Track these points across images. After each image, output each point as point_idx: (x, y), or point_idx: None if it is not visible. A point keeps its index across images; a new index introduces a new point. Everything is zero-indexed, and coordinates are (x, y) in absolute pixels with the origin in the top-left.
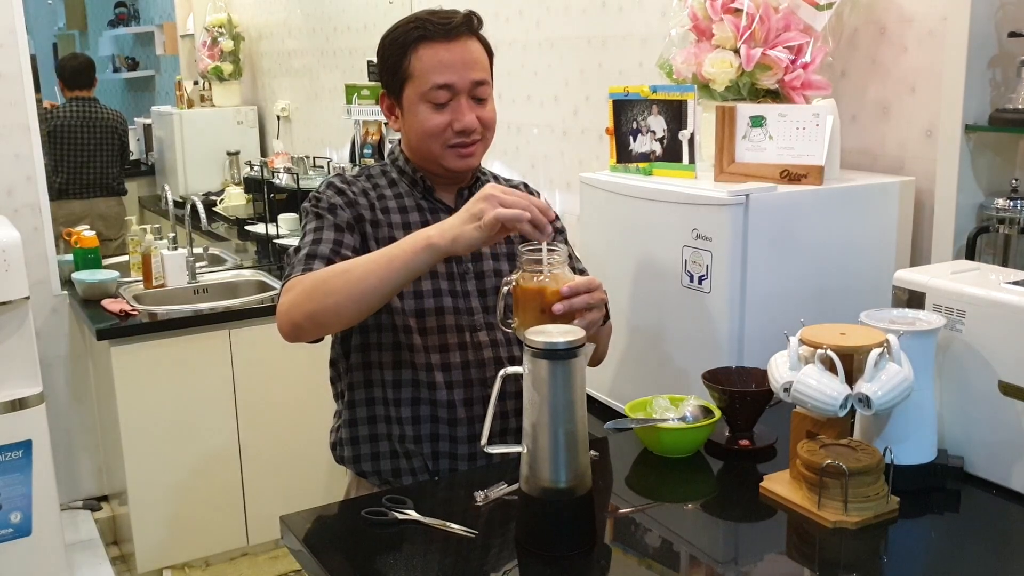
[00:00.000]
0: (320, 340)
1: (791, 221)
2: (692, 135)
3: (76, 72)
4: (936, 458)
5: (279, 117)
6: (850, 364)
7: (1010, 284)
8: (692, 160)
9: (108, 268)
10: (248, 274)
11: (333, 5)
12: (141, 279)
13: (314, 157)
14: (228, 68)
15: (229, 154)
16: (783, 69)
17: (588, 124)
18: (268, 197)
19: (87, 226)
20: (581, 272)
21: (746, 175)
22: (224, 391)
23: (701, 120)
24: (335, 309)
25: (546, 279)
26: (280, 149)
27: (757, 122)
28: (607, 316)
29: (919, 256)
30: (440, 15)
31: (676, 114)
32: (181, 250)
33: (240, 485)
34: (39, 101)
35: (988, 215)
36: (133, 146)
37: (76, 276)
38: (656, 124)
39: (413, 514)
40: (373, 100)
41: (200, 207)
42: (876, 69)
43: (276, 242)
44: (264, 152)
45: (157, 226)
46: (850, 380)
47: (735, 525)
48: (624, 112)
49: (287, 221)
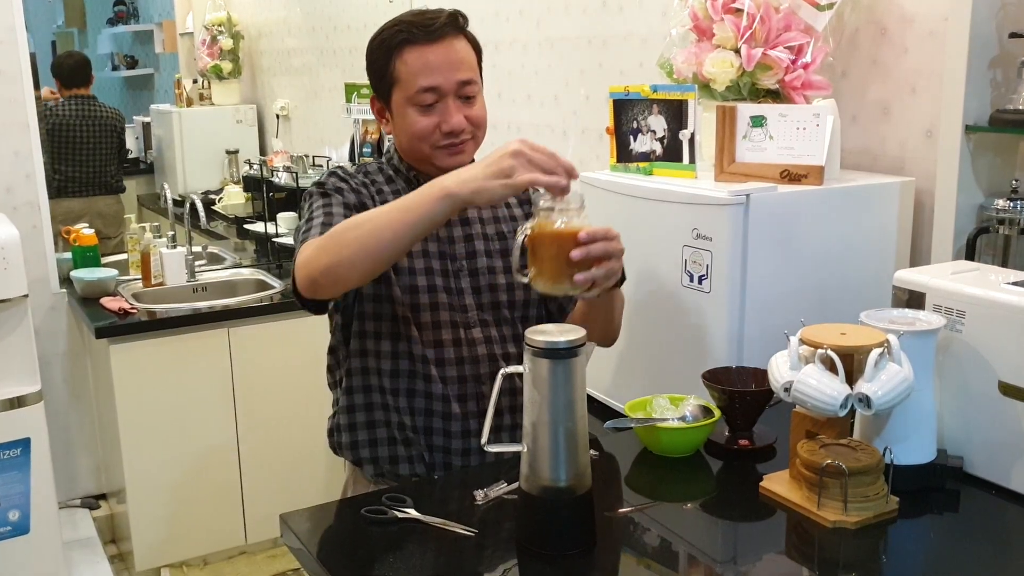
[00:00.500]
0: (333, 300)
1: (791, 221)
2: (692, 135)
3: (72, 70)
4: (936, 458)
5: (278, 116)
6: (850, 364)
7: (1010, 284)
8: (692, 160)
9: (107, 266)
10: (247, 273)
11: (333, 4)
12: (140, 277)
13: (313, 156)
14: (227, 66)
15: (228, 153)
16: (784, 69)
17: (588, 124)
18: (267, 196)
19: (86, 224)
20: None
21: (746, 175)
22: (223, 390)
23: (701, 120)
24: (350, 262)
25: (563, 225)
26: (279, 148)
27: (757, 122)
28: (623, 276)
29: (919, 256)
30: (424, 16)
31: (676, 114)
32: (180, 248)
33: (239, 484)
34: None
35: (988, 216)
36: (131, 144)
37: (75, 274)
38: (656, 124)
39: (413, 513)
40: None
41: (199, 205)
42: (877, 69)
43: (275, 241)
44: (263, 151)
45: (156, 224)
46: (850, 380)
47: (734, 525)
48: (624, 112)
49: (286, 220)
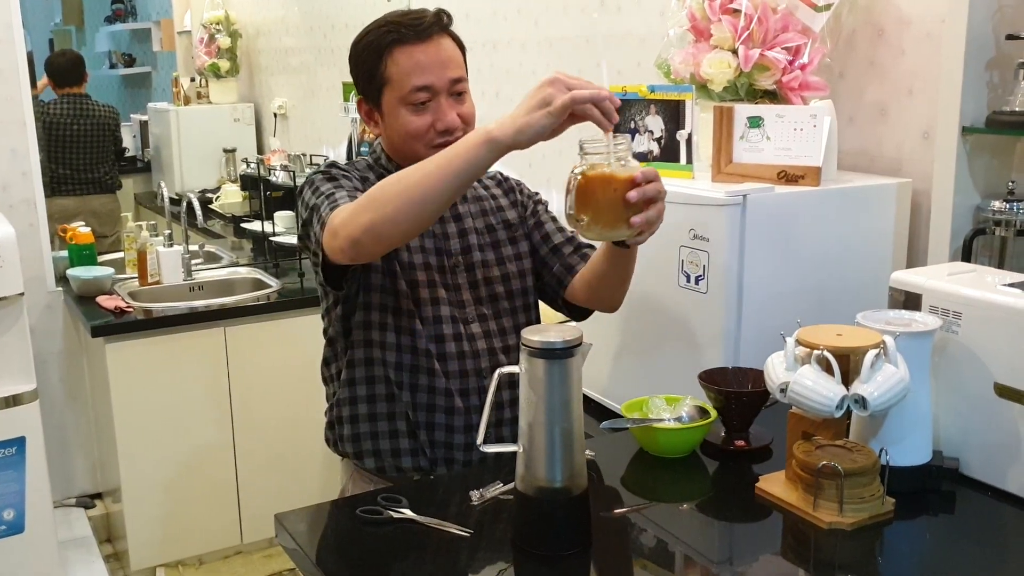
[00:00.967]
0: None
1: (788, 222)
2: (690, 135)
3: (65, 69)
4: (931, 460)
5: (276, 115)
6: (846, 365)
7: (1006, 286)
8: (690, 160)
9: (103, 265)
10: (244, 271)
11: (331, 3)
12: (136, 276)
13: (311, 155)
14: (225, 65)
15: (226, 151)
16: (781, 70)
17: (586, 124)
18: (264, 195)
19: (82, 223)
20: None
21: (743, 176)
22: (219, 389)
23: (699, 120)
24: (393, 218)
25: (617, 167)
26: (277, 147)
27: (755, 123)
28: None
29: (915, 257)
30: (410, 16)
31: (674, 114)
32: (176, 247)
33: (234, 483)
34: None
35: (985, 217)
36: (129, 142)
37: (71, 272)
38: (654, 124)
39: (408, 513)
40: None
41: (196, 204)
42: (874, 70)
43: (272, 240)
44: (261, 149)
45: (153, 223)
46: (846, 381)
47: (730, 526)
48: (622, 112)
49: (283, 219)
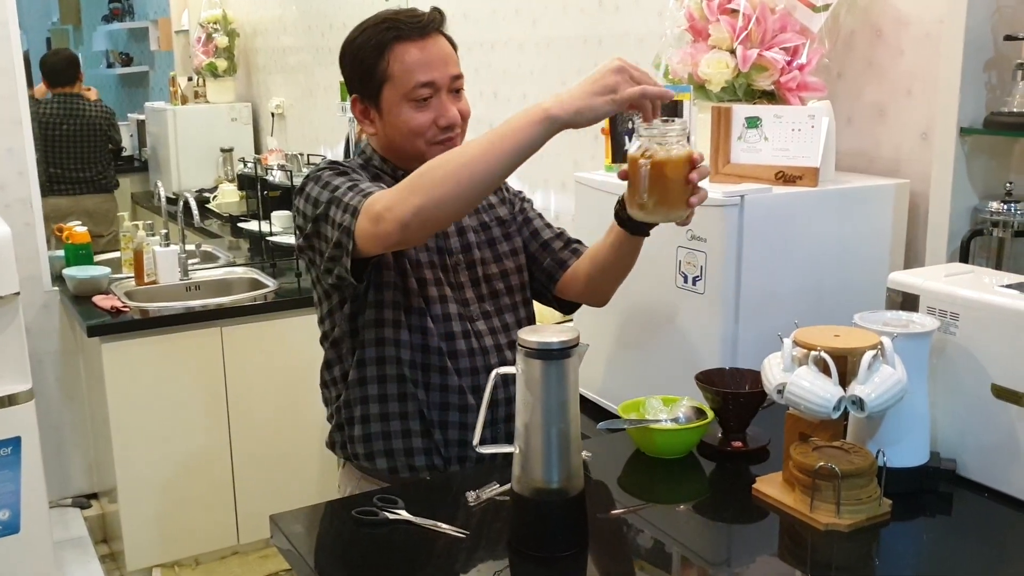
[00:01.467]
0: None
1: (786, 223)
2: (688, 136)
3: (57, 68)
4: (929, 461)
5: (273, 114)
6: (844, 366)
7: (1004, 287)
8: None
9: (100, 264)
10: (240, 271)
11: (329, 2)
12: (133, 276)
13: (308, 154)
14: (222, 64)
15: (223, 151)
16: (779, 70)
17: None
18: (261, 194)
19: (79, 222)
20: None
21: (741, 176)
22: (215, 389)
23: (697, 121)
24: (443, 199)
25: (678, 150)
26: (274, 146)
27: (753, 123)
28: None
29: (913, 258)
30: (408, 13)
31: (671, 114)
32: (173, 247)
33: (231, 483)
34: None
35: (982, 218)
36: (127, 142)
37: (67, 272)
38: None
39: (404, 514)
40: None
41: (193, 203)
42: (872, 71)
43: (269, 239)
44: (258, 149)
45: (150, 222)
46: (844, 382)
47: (727, 527)
48: (620, 112)
49: (280, 218)
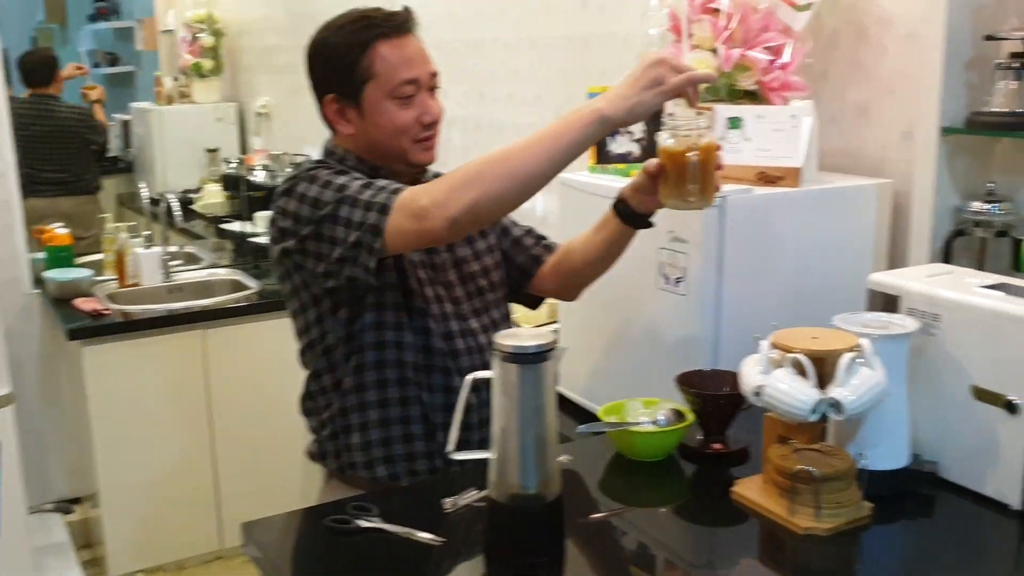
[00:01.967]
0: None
1: (768, 223)
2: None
3: (33, 68)
4: (910, 463)
5: (259, 114)
6: (822, 368)
7: (984, 288)
8: None
9: (82, 267)
10: (223, 273)
11: (315, 2)
12: (115, 278)
13: (293, 154)
14: (208, 64)
15: (208, 151)
16: (762, 70)
17: None
18: (245, 195)
19: (59, 224)
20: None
21: (724, 177)
22: (198, 392)
23: None
24: (499, 195)
25: (709, 137)
26: (259, 146)
27: (735, 123)
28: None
29: (897, 258)
30: (381, 13)
31: (655, 115)
32: (156, 249)
33: (214, 488)
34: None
35: (965, 218)
36: (112, 142)
37: (48, 274)
38: (635, 125)
39: (378, 522)
40: None
41: (175, 205)
42: (856, 70)
43: (252, 240)
44: (244, 149)
45: (133, 224)
46: (822, 384)
47: (707, 530)
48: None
49: (264, 219)
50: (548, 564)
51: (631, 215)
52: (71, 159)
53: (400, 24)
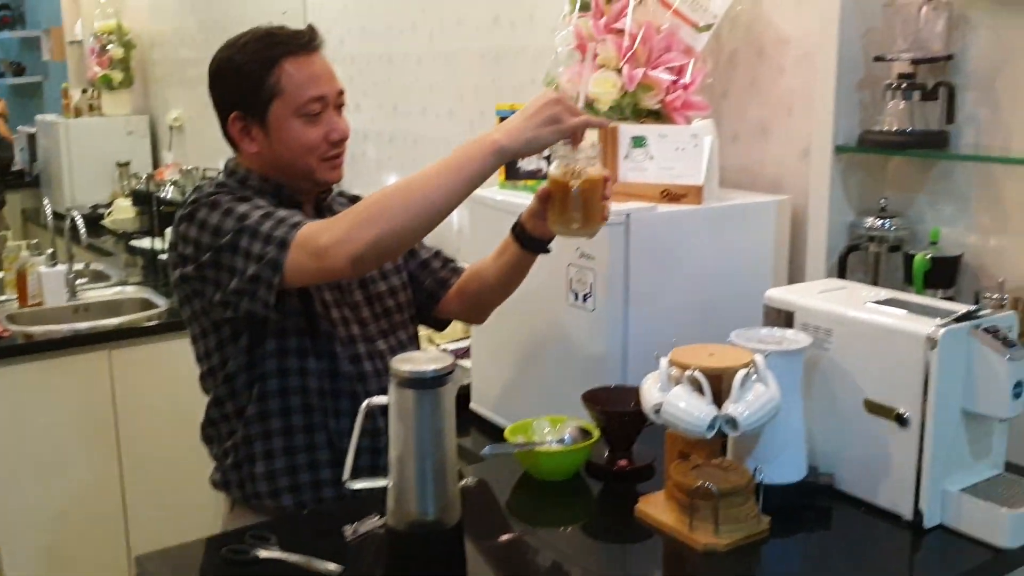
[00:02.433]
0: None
1: (672, 240)
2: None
3: None
4: (807, 475)
5: (172, 127)
6: (719, 385)
7: (874, 303)
8: None
9: None
10: (131, 291)
11: (228, 15)
12: (16, 297)
13: (204, 168)
14: (118, 76)
15: (119, 165)
16: (665, 90)
17: None
18: (155, 210)
19: None
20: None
21: (628, 195)
22: (105, 416)
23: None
24: (402, 230)
25: (597, 167)
26: (171, 160)
27: (638, 142)
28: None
29: (796, 273)
30: (288, 30)
31: None
32: (60, 266)
33: (123, 516)
34: None
35: (859, 234)
36: (17, 156)
37: None
38: None
39: (277, 552)
40: None
41: (79, 221)
42: (755, 90)
43: (162, 257)
44: (156, 163)
45: (36, 241)
46: (719, 400)
47: (610, 548)
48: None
49: None
50: None
51: (528, 240)
52: None
53: (306, 42)
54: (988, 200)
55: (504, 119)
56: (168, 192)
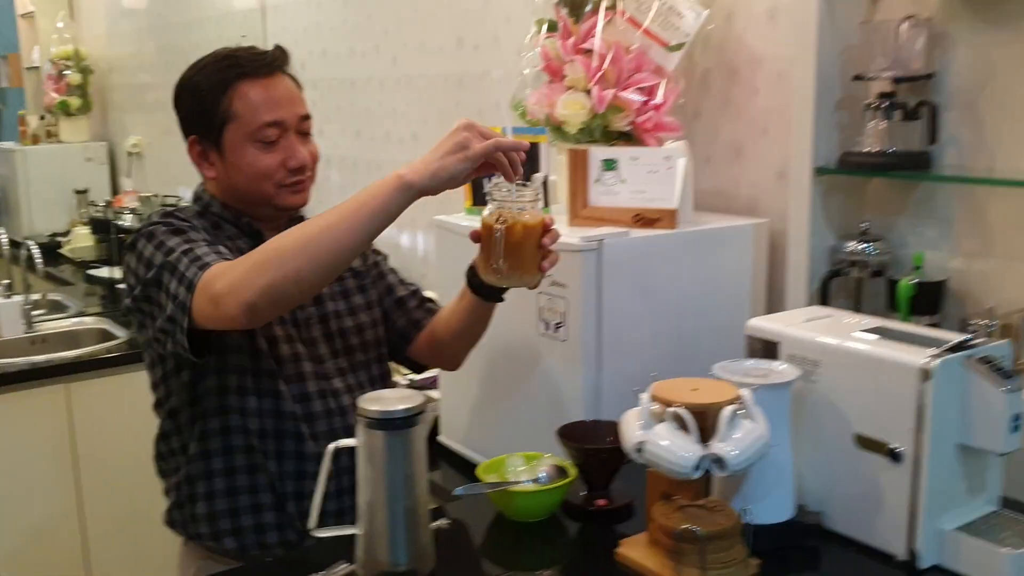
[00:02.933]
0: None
1: (646, 266)
2: (546, 178)
3: None
4: (795, 515)
5: (131, 153)
6: (704, 421)
7: (862, 332)
8: (547, 204)
9: None
10: (90, 321)
11: (187, 39)
12: None
13: (163, 195)
14: (76, 102)
15: (77, 192)
16: (635, 111)
17: None
18: (114, 238)
19: None
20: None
21: (600, 219)
22: (63, 451)
23: (554, 163)
24: (297, 276)
25: (532, 214)
26: (130, 187)
27: (609, 165)
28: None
29: (776, 299)
30: (250, 51)
31: (530, 156)
32: (16, 297)
33: (82, 553)
34: None
35: (840, 258)
36: None
37: None
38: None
39: None
40: None
41: (35, 251)
42: (729, 110)
43: (121, 286)
44: (115, 190)
45: None
46: (705, 437)
47: None
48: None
49: None
50: None
51: (480, 287)
52: None
53: (268, 63)
54: (972, 223)
55: None
56: (127, 220)
